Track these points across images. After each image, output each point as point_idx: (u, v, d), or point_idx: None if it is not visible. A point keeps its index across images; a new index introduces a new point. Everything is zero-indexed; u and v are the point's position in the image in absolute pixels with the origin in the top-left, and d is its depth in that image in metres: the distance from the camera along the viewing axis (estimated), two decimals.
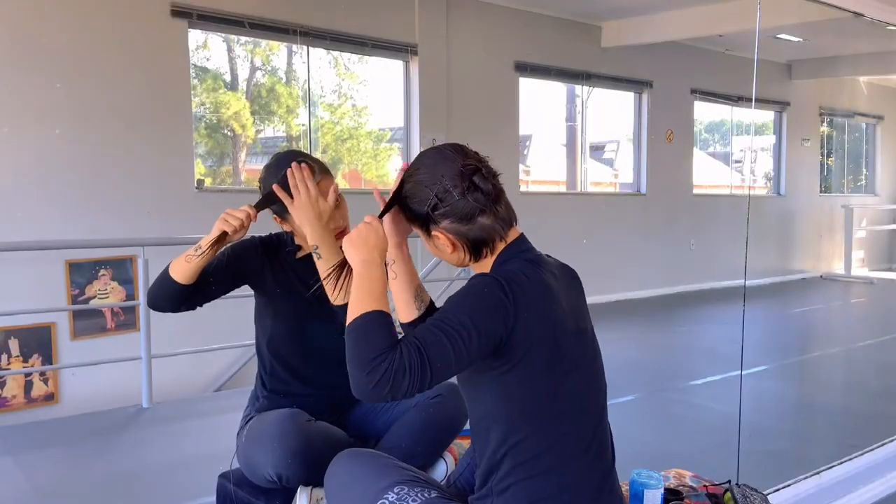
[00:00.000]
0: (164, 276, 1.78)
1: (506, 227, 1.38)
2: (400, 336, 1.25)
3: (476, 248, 1.37)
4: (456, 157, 1.36)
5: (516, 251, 1.38)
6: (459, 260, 1.40)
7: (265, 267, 1.91)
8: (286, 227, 1.89)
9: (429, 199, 1.34)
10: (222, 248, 1.78)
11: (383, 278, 1.33)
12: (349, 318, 1.26)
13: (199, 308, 1.88)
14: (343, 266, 1.47)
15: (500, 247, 1.39)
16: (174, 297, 1.79)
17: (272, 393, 1.95)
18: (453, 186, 1.33)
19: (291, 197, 1.73)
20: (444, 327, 1.24)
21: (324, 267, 1.70)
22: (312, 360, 1.94)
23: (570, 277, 1.47)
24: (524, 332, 1.29)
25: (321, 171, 1.82)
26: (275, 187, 1.73)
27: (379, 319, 1.25)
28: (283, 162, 1.78)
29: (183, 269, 1.74)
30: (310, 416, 1.83)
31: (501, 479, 1.34)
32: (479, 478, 1.40)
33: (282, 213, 1.82)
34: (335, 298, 1.70)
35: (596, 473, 1.37)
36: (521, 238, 1.41)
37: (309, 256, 1.80)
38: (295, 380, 1.94)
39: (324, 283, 1.71)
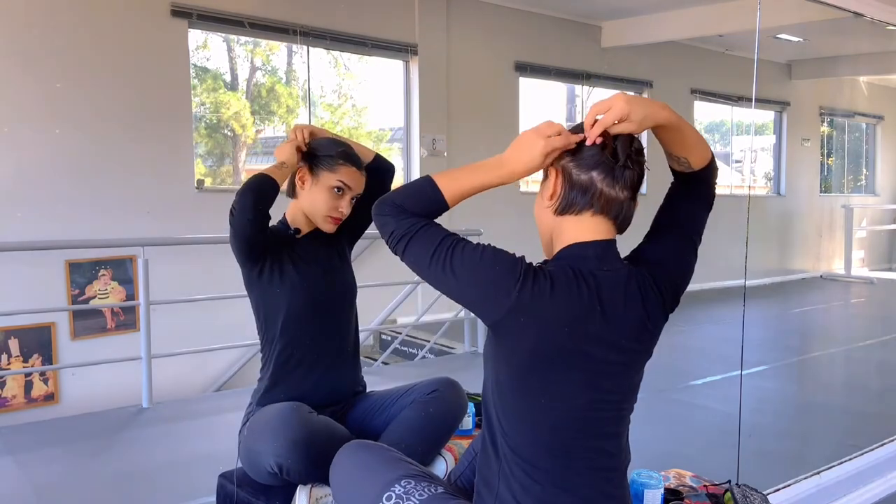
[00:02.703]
0: (263, 180, 1.85)
1: (604, 210, 1.33)
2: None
3: (568, 201, 1.34)
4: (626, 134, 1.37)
5: (579, 254, 1.33)
6: (548, 206, 1.37)
7: (283, 252, 1.97)
8: (293, 206, 2.03)
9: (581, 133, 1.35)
10: None
11: (487, 184, 1.37)
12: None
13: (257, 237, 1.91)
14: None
15: (582, 228, 1.34)
16: (272, 200, 1.86)
17: (274, 385, 1.95)
18: (605, 142, 1.34)
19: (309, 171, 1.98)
20: (443, 251, 1.30)
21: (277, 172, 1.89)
22: (313, 350, 1.97)
23: (636, 290, 1.36)
24: (514, 332, 1.26)
25: (349, 161, 1.97)
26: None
27: (430, 198, 1.35)
28: (335, 143, 2.00)
29: (275, 173, 1.88)
30: (311, 409, 1.84)
31: (505, 463, 1.33)
32: (481, 455, 1.39)
33: (291, 191, 2.02)
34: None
35: (598, 481, 1.34)
36: (598, 244, 1.34)
37: (310, 235, 2.00)
38: (296, 372, 1.96)
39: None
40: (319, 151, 1.96)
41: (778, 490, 2.54)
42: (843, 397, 4.71)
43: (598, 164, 1.33)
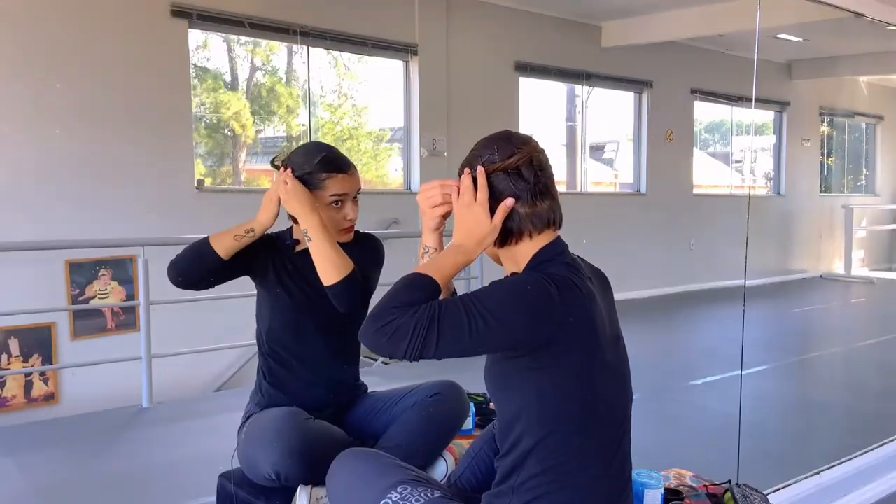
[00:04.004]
0: (204, 249, 1.83)
1: (539, 225, 1.37)
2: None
3: (503, 236, 1.37)
4: (513, 144, 1.38)
5: (555, 253, 1.37)
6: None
7: (268, 261, 1.95)
8: (292, 219, 1.95)
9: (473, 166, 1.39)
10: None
11: (459, 268, 1.35)
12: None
13: (206, 289, 1.94)
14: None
15: (532, 244, 1.37)
16: (210, 270, 1.86)
17: (272, 386, 1.96)
18: (502, 161, 1.36)
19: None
20: (471, 307, 1.23)
21: (315, 248, 1.78)
22: (309, 352, 1.96)
23: (602, 281, 1.45)
24: (568, 336, 1.27)
25: (333, 170, 1.87)
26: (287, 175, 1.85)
27: (424, 284, 1.27)
28: (311, 154, 1.88)
29: (229, 246, 1.84)
30: (308, 415, 1.83)
31: (524, 480, 1.31)
32: (499, 472, 1.37)
33: (294, 218, 1.93)
34: (324, 278, 1.79)
35: (616, 486, 1.36)
36: (559, 240, 1.40)
37: (308, 251, 1.85)
38: (293, 372, 1.96)
39: (317, 265, 1.80)
40: (298, 172, 1.85)
41: (778, 490, 2.54)
42: (843, 397, 4.71)
43: (515, 196, 1.36)
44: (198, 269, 1.85)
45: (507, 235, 1.37)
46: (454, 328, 1.21)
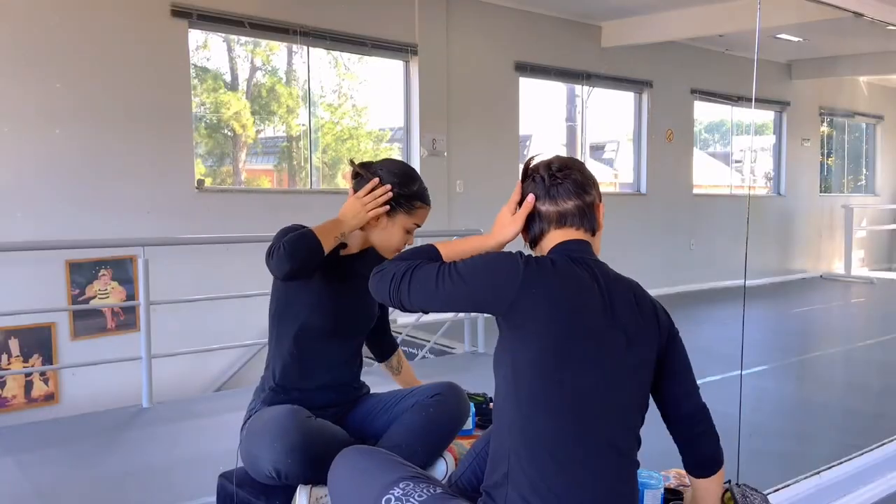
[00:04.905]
0: (317, 246, 1.81)
1: (557, 222, 1.47)
2: None
3: (533, 235, 1.51)
4: (546, 159, 1.53)
5: (569, 249, 1.45)
6: (524, 246, 1.55)
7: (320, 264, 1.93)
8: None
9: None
10: None
11: (472, 247, 1.54)
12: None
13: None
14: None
15: (551, 239, 1.48)
16: (317, 265, 1.86)
17: (283, 384, 1.94)
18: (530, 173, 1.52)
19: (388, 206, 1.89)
20: (445, 266, 1.43)
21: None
22: (335, 353, 1.97)
23: (627, 289, 1.46)
24: (532, 306, 1.34)
25: (425, 202, 1.95)
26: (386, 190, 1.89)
27: (427, 252, 1.51)
28: (410, 178, 1.92)
29: (330, 246, 1.85)
30: (309, 413, 1.83)
31: (516, 469, 1.33)
32: (490, 455, 1.40)
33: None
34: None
35: (597, 481, 1.36)
36: (582, 242, 1.47)
37: (355, 255, 1.96)
38: (309, 371, 1.95)
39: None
40: (397, 189, 1.88)
41: (778, 490, 2.54)
42: (843, 397, 4.71)
43: (536, 195, 1.49)
44: (311, 263, 1.82)
45: (535, 234, 1.50)
46: (424, 280, 1.42)
